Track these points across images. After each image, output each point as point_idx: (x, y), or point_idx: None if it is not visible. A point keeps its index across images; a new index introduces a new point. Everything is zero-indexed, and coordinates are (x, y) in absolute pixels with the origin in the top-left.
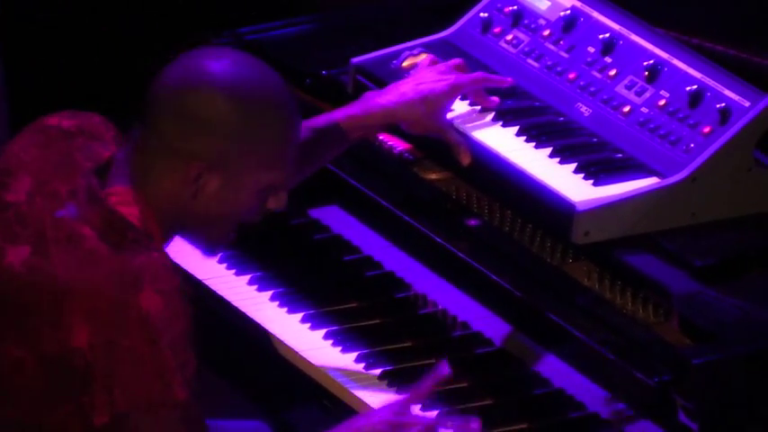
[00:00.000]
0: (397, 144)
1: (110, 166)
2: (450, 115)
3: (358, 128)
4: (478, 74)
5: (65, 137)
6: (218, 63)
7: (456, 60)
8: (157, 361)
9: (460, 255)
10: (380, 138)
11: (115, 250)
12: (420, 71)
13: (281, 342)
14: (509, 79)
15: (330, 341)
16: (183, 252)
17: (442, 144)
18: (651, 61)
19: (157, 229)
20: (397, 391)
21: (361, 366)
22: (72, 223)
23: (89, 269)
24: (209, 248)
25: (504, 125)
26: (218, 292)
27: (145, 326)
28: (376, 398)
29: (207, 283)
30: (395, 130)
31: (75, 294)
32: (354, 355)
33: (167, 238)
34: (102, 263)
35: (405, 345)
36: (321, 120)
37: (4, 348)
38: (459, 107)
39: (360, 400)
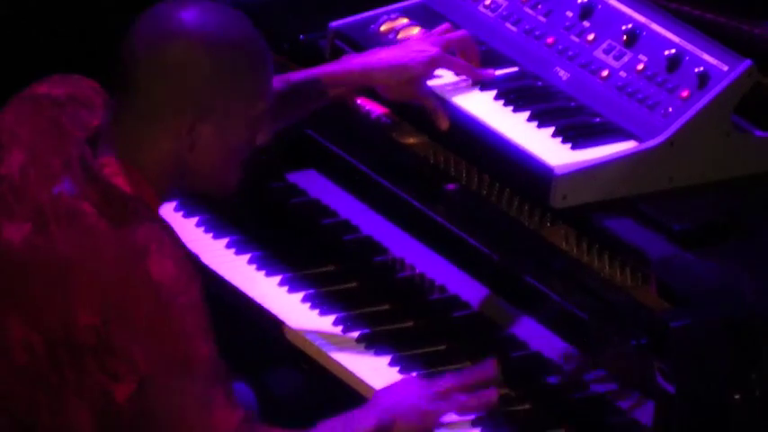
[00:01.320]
0: (374, 109)
1: (99, 136)
2: (427, 80)
3: (334, 85)
4: (461, 60)
5: (55, 105)
6: (185, 13)
7: (444, 26)
8: (176, 323)
9: (438, 219)
10: (358, 102)
11: (117, 225)
12: (407, 41)
13: (258, 305)
14: (491, 72)
15: (308, 304)
16: None
17: (419, 109)
18: (629, 25)
19: (153, 196)
20: (375, 354)
21: (338, 329)
22: (71, 200)
23: (92, 246)
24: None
25: (481, 89)
26: (195, 255)
27: (158, 292)
28: (354, 360)
29: None
30: (372, 94)
31: (80, 272)
32: (332, 318)
33: (164, 200)
34: (104, 239)
35: (382, 308)
36: (298, 74)
37: (9, 328)
38: (438, 71)
39: (338, 363)
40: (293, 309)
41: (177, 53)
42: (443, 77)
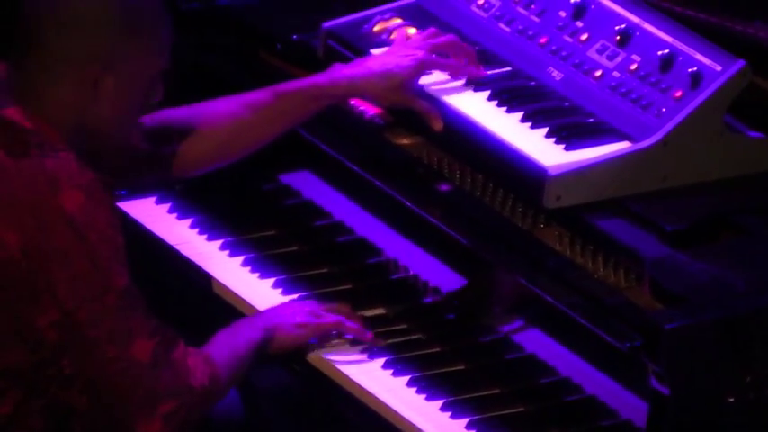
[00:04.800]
0: (368, 109)
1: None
2: (422, 80)
3: (322, 97)
4: (449, 60)
5: None
6: None
7: (430, 30)
8: (91, 255)
9: (432, 220)
10: (351, 102)
11: (22, 159)
12: (393, 45)
13: (251, 307)
14: (482, 71)
15: None
16: (152, 217)
17: (412, 111)
18: (623, 25)
19: (60, 140)
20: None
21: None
22: None
23: (1, 181)
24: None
25: (475, 90)
26: (188, 257)
27: (71, 225)
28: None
29: (177, 247)
30: None
31: None
32: None
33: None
34: (12, 173)
35: (377, 311)
36: (286, 86)
37: None
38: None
39: (330, 364)
40: None
41: (79, 6)
42: (436, 78)
